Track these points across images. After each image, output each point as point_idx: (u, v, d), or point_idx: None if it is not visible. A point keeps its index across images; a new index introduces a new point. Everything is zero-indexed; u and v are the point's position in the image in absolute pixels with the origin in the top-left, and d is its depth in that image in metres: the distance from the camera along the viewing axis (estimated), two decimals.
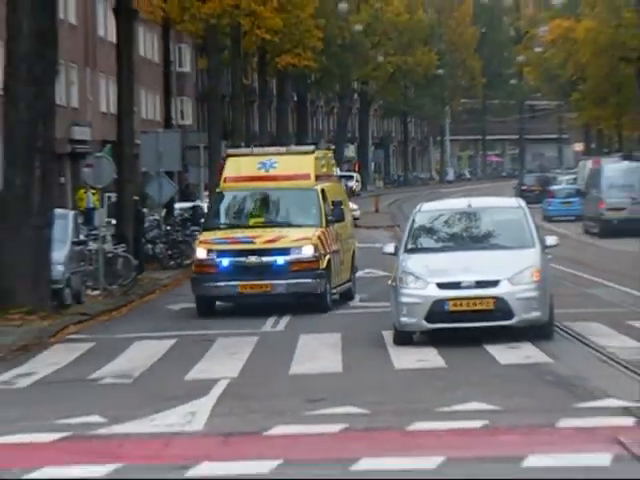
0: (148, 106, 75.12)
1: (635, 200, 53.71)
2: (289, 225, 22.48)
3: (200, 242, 22.77)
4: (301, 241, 21.92)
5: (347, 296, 24.88)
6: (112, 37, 48.09)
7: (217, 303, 23.33)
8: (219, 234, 22.54)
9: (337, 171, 31.72)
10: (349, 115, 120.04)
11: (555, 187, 71.51)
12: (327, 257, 22.25)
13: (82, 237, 30.45)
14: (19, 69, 25.59)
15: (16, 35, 25.63)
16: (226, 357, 18.55)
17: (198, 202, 49.16)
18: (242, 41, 63.31)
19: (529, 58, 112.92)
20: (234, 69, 66.92)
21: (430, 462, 11.22)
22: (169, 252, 39.84)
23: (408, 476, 10.85)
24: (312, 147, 25.74)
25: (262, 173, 23.03)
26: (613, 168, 59.88)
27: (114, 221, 35.66)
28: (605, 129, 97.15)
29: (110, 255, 31.50)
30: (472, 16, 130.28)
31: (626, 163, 60.26)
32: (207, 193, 49.61)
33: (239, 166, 23.78)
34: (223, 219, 23.23)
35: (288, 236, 22.01)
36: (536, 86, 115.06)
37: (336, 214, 25.93)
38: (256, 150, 25.80)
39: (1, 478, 11.44)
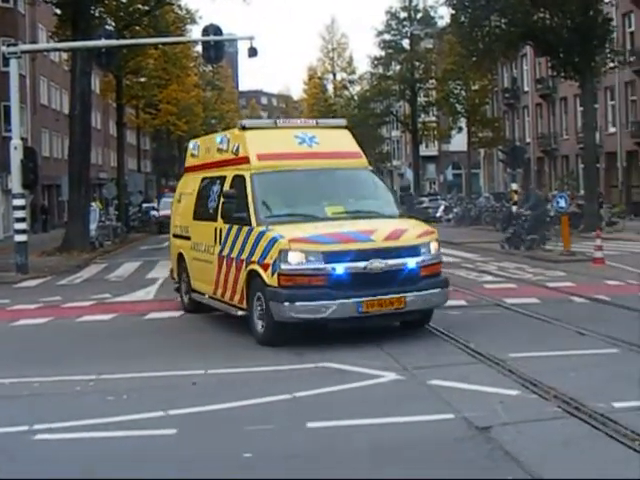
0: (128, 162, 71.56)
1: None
2: (378, 216, 8.35)
3: (290, 241, 7.31)
4: (425, 236, 7.88)
5: None
6: (114, 133, 46.73)
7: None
8: (309, 229, 7.60)
9: None
10: None
11: None
12: None
13: (103, 219, 29.77)
14: (75, 146, 24.79)
15: (74, 132, 24.81)
16: (161, 269, 17.37)
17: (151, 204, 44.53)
18: (172, 134, 61.30)
19: None
20: (168, 146, 65.52)
21: None
22: (140, 225, 39.00)
23: None
24: (343, 121, 10.10)
25: (306, 149, 8.72)
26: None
27: (116, 212, 34.55)
28: None
29: (114, 226, 30.85)
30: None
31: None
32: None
33: (269, 141, 8.81)
34: (284, 209, 8.27)
35: (407, 230, 7.90)
36: None
37: (407, 201, 11.02)
38: (280, 122, 9.34)
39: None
